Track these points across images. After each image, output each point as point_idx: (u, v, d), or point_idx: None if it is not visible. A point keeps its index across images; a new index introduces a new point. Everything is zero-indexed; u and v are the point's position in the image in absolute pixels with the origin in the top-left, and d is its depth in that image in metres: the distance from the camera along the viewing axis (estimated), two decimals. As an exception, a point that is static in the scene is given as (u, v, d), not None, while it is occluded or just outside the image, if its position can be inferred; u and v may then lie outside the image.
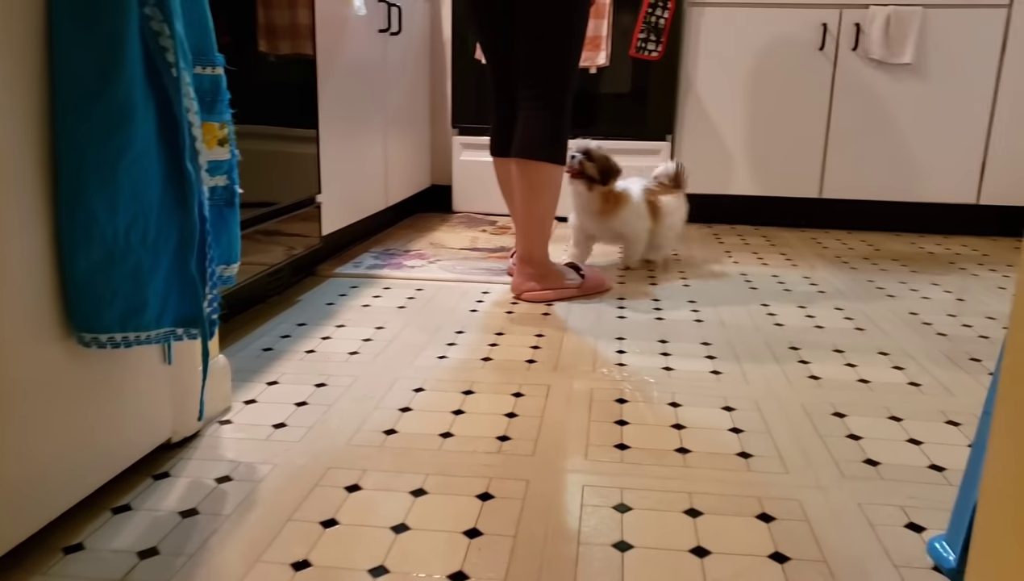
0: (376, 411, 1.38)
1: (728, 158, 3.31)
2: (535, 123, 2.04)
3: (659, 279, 2.39)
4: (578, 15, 2.00)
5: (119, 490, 1.10)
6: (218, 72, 1.06)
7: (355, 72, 2.50)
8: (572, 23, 2.00)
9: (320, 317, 1.93)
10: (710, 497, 1.11)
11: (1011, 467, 0.48)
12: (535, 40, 2.00)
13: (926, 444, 1.30)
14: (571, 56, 2.03)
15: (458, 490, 1.12)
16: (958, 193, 3.20)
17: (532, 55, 2.02)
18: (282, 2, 1.87)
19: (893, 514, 1.08)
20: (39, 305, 0.91)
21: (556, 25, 1.98)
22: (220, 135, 1.07)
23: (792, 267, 2.59)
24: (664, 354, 1.71)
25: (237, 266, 1.18)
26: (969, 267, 2.65)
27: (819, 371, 1.62)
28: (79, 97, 0.87)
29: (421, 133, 3.38)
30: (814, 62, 3.17)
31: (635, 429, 1.33)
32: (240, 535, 1.00)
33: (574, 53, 2.04)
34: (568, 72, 2.04)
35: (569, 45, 2.02)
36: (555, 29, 1.99)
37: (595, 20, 3.14)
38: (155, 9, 0.90)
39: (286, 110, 1.94)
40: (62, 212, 0.90)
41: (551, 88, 2.02)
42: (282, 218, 1.92)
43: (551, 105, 2.03)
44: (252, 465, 1.18)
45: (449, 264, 2.51)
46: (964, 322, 1.99)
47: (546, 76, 2.02)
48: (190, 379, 1.23)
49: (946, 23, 3.05)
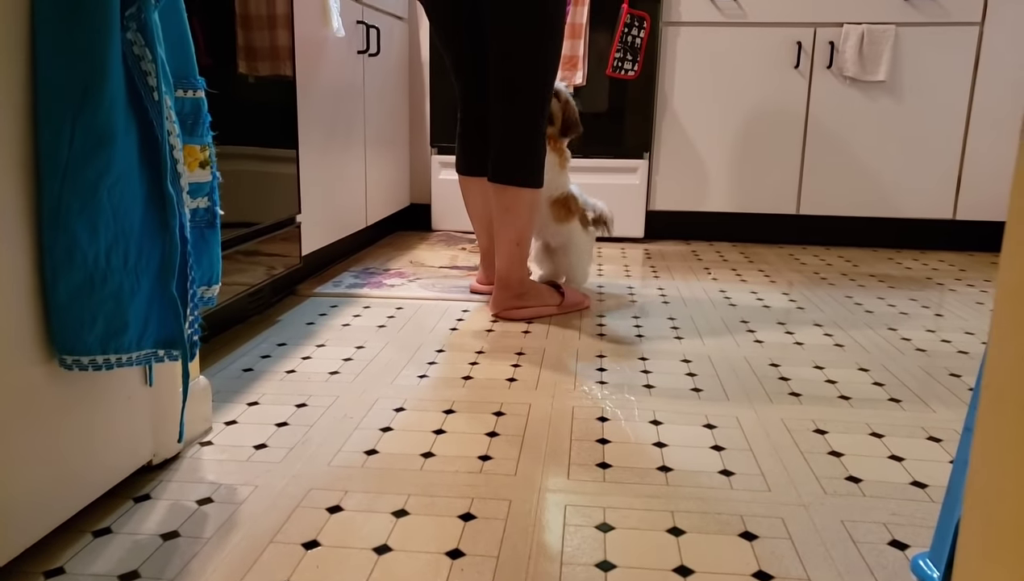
0: (357, 431, 1.38)
1: (705, 175, 3.34)
2: (509, 146, 2.01)
3: (638, 296, 2.41)
4: (551, 34, 1.97)
5: (100, 513, 1.09)
6: (199, 95, 1.06)
7: (334, 93, 2.50)
8: (545, 42, 1.97)
9: (300, 337, 1.92)
10: (693, 516, 1.12)
11: (993, 483, 0.49)
12: (507, 59, 1.97)
13: (908, 460, 1.31)
14: (546, 76, 2.00)
15: (440, 511, 1.12)
16: (934, 209, 3.25)
17: (504, 74, 1.98)
18: (262, 24, 1.87)
19: (876, 531, 1.08)
20: (21, 328, 0.90)
21: (529, 44, 1.95)
22: (201, 157, 1.06)
23: (771, 283, 2.62)
24: (645, 371, 1.71)
25: (218, 287, 1.17)
26: (947, 282, 2.68)
27: (800, 388, 1.63)
28: (61, 120, 0.87)
29: (400, 152, 3.39)
30: (789, 80, 3.22)
31: (617, 447, 1.33)
32: (222, 558, 0.99)
33: (549, 73, 2.01)
34: (542, 92, 2.01)
35: (543, 65, 1.98)
36: (528, 48, 1.95)
37: (572, 40, 3.17)
38: (137, 34, 0.90)
39: (266, 131, 1.94)
40: (45, 235, 0.89)
41: (524, 109, 2.00)
42: (262, 238, 1.92)
43: (525, 126, 2.00)
44: (233, 487, 1.17)
45: (429, 282, 2.51)
46: (943, 337, 2.02)
47: (519, 96, 1.99)
48: (170, 400, 1.22)
49: (919, 41, 3.11)
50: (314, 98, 2.31)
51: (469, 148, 2.23)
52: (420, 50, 3.47)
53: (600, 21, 3.20)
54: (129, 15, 0.90)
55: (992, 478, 0.48)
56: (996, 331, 0.49)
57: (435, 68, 3.37)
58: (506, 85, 1.99)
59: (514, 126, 2.01)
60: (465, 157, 2.26)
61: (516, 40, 1.95)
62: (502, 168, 2.02)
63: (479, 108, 2.16)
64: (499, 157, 2.03)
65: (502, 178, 2.02)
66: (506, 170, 2.01)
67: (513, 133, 2.01)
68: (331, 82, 2.46)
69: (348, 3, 2.58)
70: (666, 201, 3.40)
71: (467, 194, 2.30)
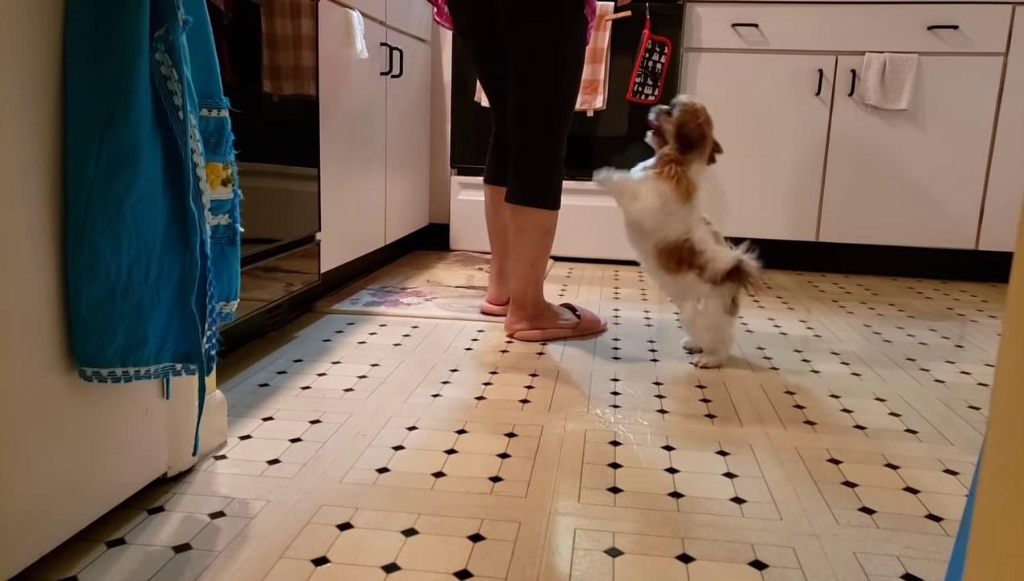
0: (369, 449, 1.39)
1: (724, 201, 3.34)
2: (523, 167, 2.05)
3: (654, 321, 2.40)
4: (567, 64, 2.00)
5: (114, 523, 1.10)
6: (223, 114, 1.08)
7: (356, 113, 2.53)
8: (565, 68, 2.00)
9: (316, 353, 1.94)
10: (703, 543, 1.11)
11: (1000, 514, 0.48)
12: (522, 85, 2.01)
13: (923, 493, 1.30)
14: (561, 104, 2.03)
15: (450, 531, 1.12)
16: (956, 239, 3.23)
17: (524, 100, 2.03)
18: (287, 44, 1.90)
19: (889, 564, 1.08)
20: (44, 339, 0.92)
21: (549, 70, 1.99)
22: (224, 175, 1.08)
23: (788, 311, 2.61)
24: (658, 396, 1.71)
25: (236, 303, 1.19)
26: (968, 313, 2.66)
27: (814, 416, 1.62)
28: (89, 138, 0.89)
29: (420, 173, 3.41)
30: (810, 107, 3.22)
31: (628, 472, 1.33)
32: (232, 571, 1.00)
33: (565, 101, 2.03)
34: (561, 118, 2.03)
35: (558, 93, 2.01)
36: (544, 77, 1.99)
37: (593, 64, 3.19)
38: (165, 55, 0.92)
39: (288, 149, 1.97)
40: (70, 249, 0.91)
41: (537, 134, 2.03)
42: (282, 255, 1.94)
43: (538, 150, 2.04)
44: (246, 501, 1.18)
45: (445, 302, 2.52)
46: (963, 369, 2.00)
47: (533, 122, 2.03)
48: (186, 414, 1.23)
49: (942, 70, 3.10)
50: (336, 118, 2.34)
51: (496, 158, 2.27)
52: (442, 72, 3.51)
53: (621, 46, 3.22)
54: (158, 36, 0.92)
55: (999, 509, 0.48)
56: (1004, 361, 0.49)
57: (456, 90, 3.40)
58: (519, 112, 2.04)
59: (528, 149, 2.05)
60: (490, 166, 2.30)
61: (532, 68, 1.99)
62: (516, 189, 2.06)
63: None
64: (514, 178, 2.07)
65: (516, 198, 2.06)
66: (519, 191, 2.05)
67: (527, 156, 2.05)
68: (354, 102, 2.49)
69: (372, 25, 2.62)
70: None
71: (488, 204, 2.34)
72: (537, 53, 1.98)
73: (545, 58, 1.98)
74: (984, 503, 0.51)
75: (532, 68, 1.99)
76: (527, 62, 1.99)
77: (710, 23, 3.21)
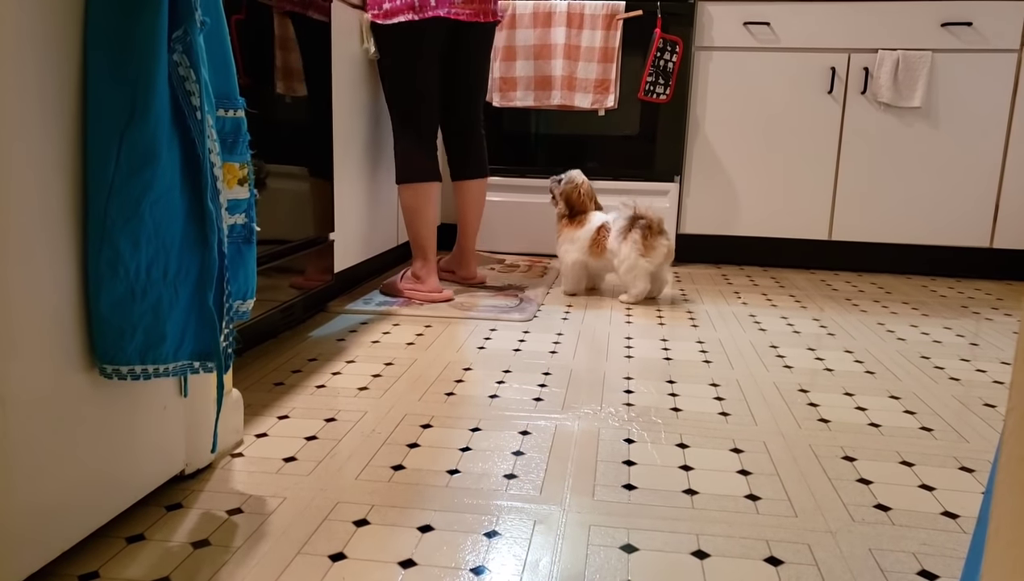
0: (384, 446, 1.39)
1: (736, 199, 3.34)
2: (483, 146, 2.73)
3: (667, 319, 2.40)
4: (389, 73, 2.50)
5: (133, 520, 1.11)
6: (239, 115, 1.09)
7: (369, 113, 2.54)
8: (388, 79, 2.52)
9: (331, 353, 1.95)
10: (718, 539, 1.11)
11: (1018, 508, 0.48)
12: (480, 86, 2.67)
13: (939, 490, 1.29)
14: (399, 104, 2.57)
15: (465, 527, 1.13)
16: (971, 236, 3.21)
17: (479, 97, 2.68)
18: (299, 45, 1.92)
19: (905, 560, 1.07)
20: (65, 337, 0.93)
21: (487, 75, 2.73)
22: (240, 175, 1.09)
23: (801, 309, 2.60)
24: (672, 394, 1.71)
25: (252, 301, 1.20)
26: (983, 311, 2.65)
27: (829, 414, 1.62)
28: (109, 138, 0.90)
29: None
30: (823, 105, 3.21)
31: (643, 469, 1.33)
32: (250, 567, 1.01)
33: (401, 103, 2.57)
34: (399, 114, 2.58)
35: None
36: (486, 78, 2.73)
37: (604, 63, 3.19)
38: (183, 56, 0.93)
39: (302, 150, 1.98)
40: (90, 248, 0.93)
41: (480, 119, 2.74)
42: (296, 255, 1.95)
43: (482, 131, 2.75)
44: (263, 498, 1.19)
45: (457, 301, 2.53)
46: (978, 367, 1.99)
47: (480, 111, 2.72)
48: (204, 412, 1.24)
49: (956, 67, 3.09)
50: (349, 118, 2.35)
51: (459, 157, 2.74)
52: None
53: (633, 45, 3.22)
54: (176, 37, 0.93)
55: (1017, 506, 0.48)
56: (1021, 358, 0.49)
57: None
58: (479, 103, 2.71)
59: (482, 131, 2.75)
60: (457, 165, 2.75)
61: (485, 73, 2.72)
62: (485, 163, 2.78)
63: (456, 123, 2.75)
64: (483, 156, 2.77)
65: (488, 171, 2.79)
66: (486, 164, 2.79)
67: (482, 137, 2.74)
68: (366, 103, 2.50)
69: (385, 25, 2.63)
70: (697, 225, 3.39)
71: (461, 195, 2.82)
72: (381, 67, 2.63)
73: (382, 69, 2.61)
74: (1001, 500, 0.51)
75: (485, 68, 2.75)
76: (484, 65, 2.74)
77: (721, 22, 3.21)
